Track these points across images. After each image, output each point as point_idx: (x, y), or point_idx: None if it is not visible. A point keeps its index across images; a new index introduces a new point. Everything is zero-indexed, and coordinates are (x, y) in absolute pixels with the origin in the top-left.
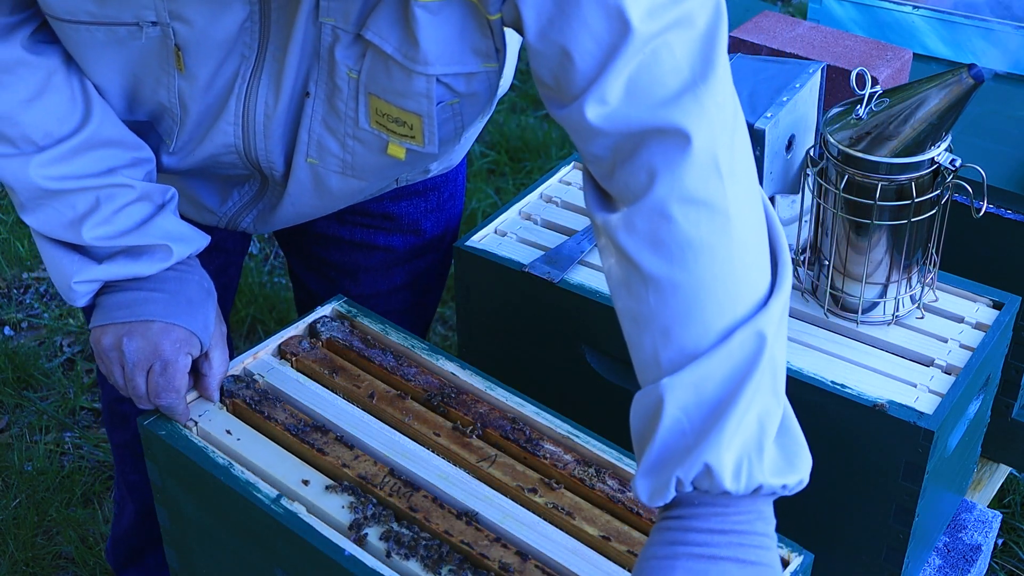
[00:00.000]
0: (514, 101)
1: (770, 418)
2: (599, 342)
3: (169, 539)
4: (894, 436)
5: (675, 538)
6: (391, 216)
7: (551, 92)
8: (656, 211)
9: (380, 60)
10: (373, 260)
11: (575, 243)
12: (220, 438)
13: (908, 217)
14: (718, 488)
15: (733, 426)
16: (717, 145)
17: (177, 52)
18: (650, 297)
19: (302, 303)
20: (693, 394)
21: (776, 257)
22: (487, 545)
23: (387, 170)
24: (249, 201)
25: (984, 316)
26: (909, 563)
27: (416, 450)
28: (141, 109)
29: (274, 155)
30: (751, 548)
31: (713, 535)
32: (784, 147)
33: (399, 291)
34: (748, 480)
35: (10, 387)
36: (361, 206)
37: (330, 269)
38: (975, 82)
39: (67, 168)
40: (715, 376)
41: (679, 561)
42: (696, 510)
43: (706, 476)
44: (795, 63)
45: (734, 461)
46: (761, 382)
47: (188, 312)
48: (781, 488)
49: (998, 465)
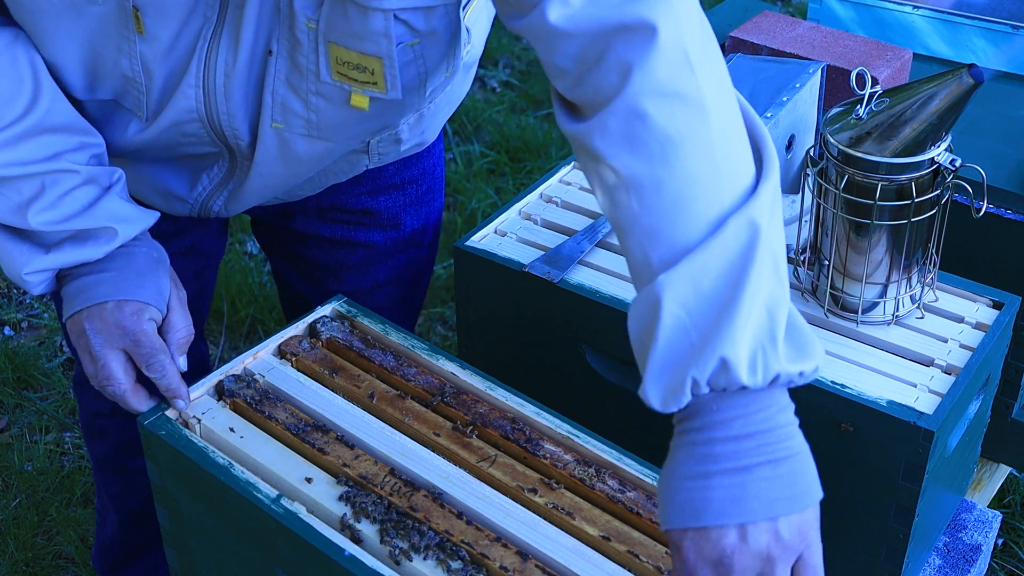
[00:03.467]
0: (514, 101)
1: (779, 306)
2: (599, 342)
3: (169, 539)
4: (894, 436)
5: (703, 454)
6: (370, 211)
7: (509, 6)
8: (629, 110)
9: (338, 4)
10: (355, 257)
11: (575, 243)
12: (223, 436)
13: (908, 217)
14: (736, 383)
15: (744, 317)
16: (685, 37)
17: (136, 14)
18: (632, 201)
19: (288, 303)
20: (691, 288)
21: (759, 148)
22: (487, 545)
23: (353, 126)
24: (219, 183)
25: (984, 316)
26: (909, 563)
27: (416, 450)
28: (103, 85)
29: (237, 120)
30: (780, 444)
31: (740, 442)
32: (784, 147)
33: (382, 287)
34: (764, 371)
35: (10, 387)
36: (340, 202)
37: (313, 268)
38: (975, 82)
39: (13, 155)
40: (712, 268)
41: (713, 480)
42: (716, 416)
43: (722, 372)
44: (795, 63)
45: (749, 353)
46: (762, 271)
47: (138, 284)
48: (798, 375)
49: (998, 465)
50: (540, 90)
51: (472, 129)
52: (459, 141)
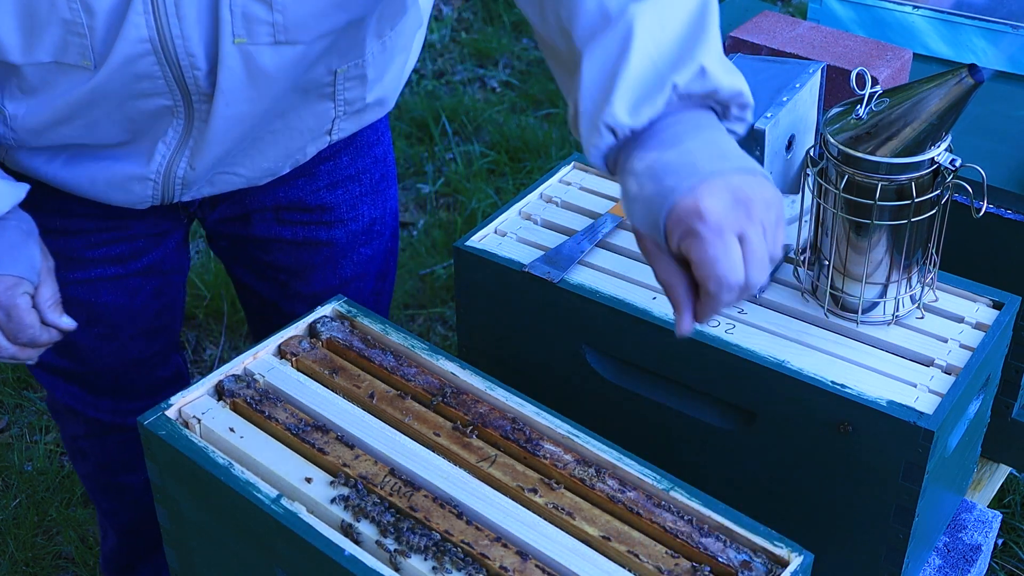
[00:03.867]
0: (514, 101)
1: (718, 36)
2: (599, 342)
3: (169, 539)
4: (894, 436)
5: (672, 140)
6: (329, 207)
7: None
8: None
9: None
10: (319, 257)
11: (575, 243)
12: (223, 436)
13: (908, 217)
14: (710, 87)
15: (713, 34)
16: None
17: None
18: None
19: (257, 313)
20: (660, 16)
21: None
22: (487, 545)
23: (322, 20)
24: (177, 146)
25: (984, 316)
26: (909, 563)
27: (416, 450)
28: (42, 41)
29: (192, 43)
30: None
31: (703, 134)
32: (784, 147)
33: (351, 283)
34: (732, 77)
35: (10, 387)
36: (299, 199)
37: (278, 272)
38: (975, 82)
39: None
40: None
41: (692, 148)
42: (680, 117)
43: (700, 78)
44: (795, 63)
45: (720, 62)
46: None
47: (10, 258)
48: (742, 97)
49: (998, 465)
50: (540, 90)
51: (472, 129)
52: (459, 141)
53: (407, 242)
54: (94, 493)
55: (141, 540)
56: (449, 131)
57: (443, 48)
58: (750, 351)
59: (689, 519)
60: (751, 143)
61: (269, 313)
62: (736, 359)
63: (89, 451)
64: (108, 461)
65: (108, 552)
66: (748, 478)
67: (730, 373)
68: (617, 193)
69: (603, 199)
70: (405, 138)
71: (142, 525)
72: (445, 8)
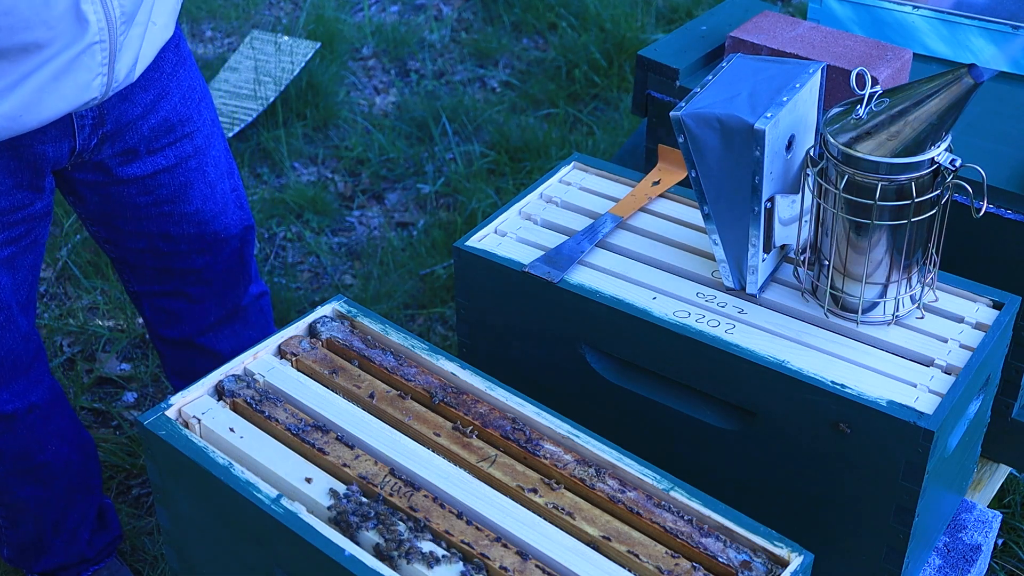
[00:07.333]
0: (514, 101)
1: None
2: (599, 342)
3: (169, 539)
4: (894, 436)
5: None
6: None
7: None
8: None
9: None
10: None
11: (575, 243)
12: (223, 435)
13: (908, 217)
14: None
15: None
16: None
17: None
18: None
19: (131, 251)
20: None
21: None
22: (487, 545)
23: None
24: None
25: (984, 316)
26: (909, 563)
27: (416, 450)
28: None
29: None
30: None
31: None
32: (784, 147)
33: (225, 179)
34: None
35: None
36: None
37: (162, 203)
38: (975, 82)
39: None
40: None
41: None
42: None
43: None
44: (795, 63)
45: None
46: None
47: None
48: None
49: (998, 465)
50: (540, 90)
51: (472, 129)
52: (459, 141)
53: (407, 242)
54: (17, 488)
55: (60, 515)
56: (449, 131)
57: (443, 48)
58: (750, 351)
59: (689, 519)
60: (751, 143)
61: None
62: (736, 359)
63: (4, 448)
64: (23, 450)
65: (21, 541)
66: (748, 478)
67: (730, 373)
68: (617, 193)
69: (603, 199)
70: (405, 138)
71: (60, 500)
72: (445, 8)
